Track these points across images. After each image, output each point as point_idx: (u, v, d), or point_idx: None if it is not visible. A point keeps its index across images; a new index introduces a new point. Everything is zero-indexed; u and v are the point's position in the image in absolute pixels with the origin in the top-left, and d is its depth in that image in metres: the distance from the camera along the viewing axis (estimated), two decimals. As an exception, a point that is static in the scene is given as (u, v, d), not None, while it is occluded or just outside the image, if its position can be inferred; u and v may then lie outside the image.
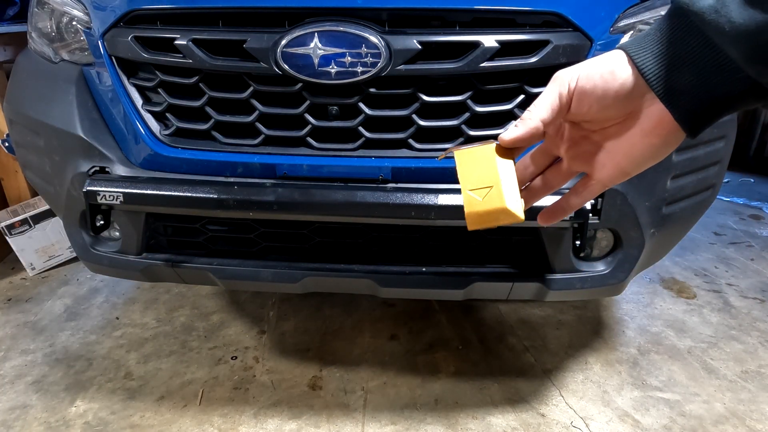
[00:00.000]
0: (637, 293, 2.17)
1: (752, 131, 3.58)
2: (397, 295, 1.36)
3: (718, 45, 0.46)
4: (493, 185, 0.56)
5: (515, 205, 0.56)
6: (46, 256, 2.39)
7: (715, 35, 0.46)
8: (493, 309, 2.07)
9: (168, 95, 1.22)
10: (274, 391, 1.64)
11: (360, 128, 1.17)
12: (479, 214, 0.57)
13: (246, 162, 1.21)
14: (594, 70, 0.52)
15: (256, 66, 1.12)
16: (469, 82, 1.13)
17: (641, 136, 0.53)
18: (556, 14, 1.09)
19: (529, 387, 1.66)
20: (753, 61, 0.45)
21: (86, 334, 1.93)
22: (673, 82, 0.49)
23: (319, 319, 2.00)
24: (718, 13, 0.45)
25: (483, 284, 1.27)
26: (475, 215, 0.57)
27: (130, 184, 1.17)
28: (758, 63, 0.44)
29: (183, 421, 1.53)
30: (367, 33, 1.07)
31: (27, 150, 1.44)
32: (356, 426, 1.52)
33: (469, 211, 0.57)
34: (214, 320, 2.00)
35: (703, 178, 1.30)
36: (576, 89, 0.53)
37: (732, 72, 0.46)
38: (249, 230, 1.31)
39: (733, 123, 1.32)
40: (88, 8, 1.25)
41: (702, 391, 1.65)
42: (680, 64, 0.48)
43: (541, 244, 1.21)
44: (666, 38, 0.49)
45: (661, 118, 0.51)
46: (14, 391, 1.66)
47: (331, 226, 1.29)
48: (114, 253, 1.36)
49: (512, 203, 0.56)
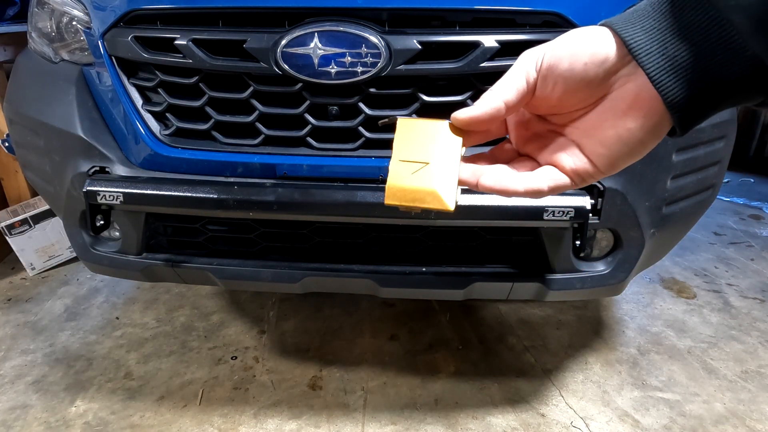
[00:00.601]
0: (637, 293, 2.17)
1: (752, 131, 3.58)
2: (397, 295, 1.36)
3: (723, 13, 0.40)
4: (430, 162, 0.49)
5: (447, 191, 0.49)
6: (46, 256, 2.39)
7: (720, 1, 0.40)
8: (493, 309, 2.07)
9: (168, 95, 1.22)
10: (274, 391, 1.64)
11: (360, 128, 1.17)
12: (402, 189, 0.49)
13: (246, 162, 1.20)
14: (565, 45, 0.46)
15: (256, 66, 1.12)
16: (469, 82, 1.13)
17: (614, 120, 0.46)
18: (556, 14, 1.09)
19: (529, 387, 1.66)
20: (763, 31, 0.39)
21: (86, 334, 1.93)
22: (666, 59, 0.42)
23: (319, 319, 2.00)
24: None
25: (483, 284, 1.27)
26: (397, 189, 0.49)
27: (130, 184, 1.17)
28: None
29: (183, 421, 1.53)
30: (367, 33, 1.07)
31: (27, 150, 1.44)
32: (356, 426, 1.52)
33: (392, 183, 0.49)
34: (214, 320, 2.00)
35: (703, 178, 1.30)
36: (542, 67, 0.47)
37: (736, 50, 0.40)
38: (249, 230, 1.31)
39: (733, 123, 1.32)
40: (88, 8, 1.25)
41: (702, 391, 1.65)
42: (676, 38, 0.42)
43: (541, 244, 1.21)
44: (660, 11, 0.43)
45: (637, 95, 0.44)
46: (14, 391, 1.66)
47: (331, 226, 1.29)
48: (114, 253, 1.36)
49: (444, 188, 0.48)
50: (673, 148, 1.20)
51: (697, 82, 0.42)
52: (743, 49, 0.39)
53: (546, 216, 1.08)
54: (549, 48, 0.47)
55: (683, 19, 0.41)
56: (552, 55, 0.47)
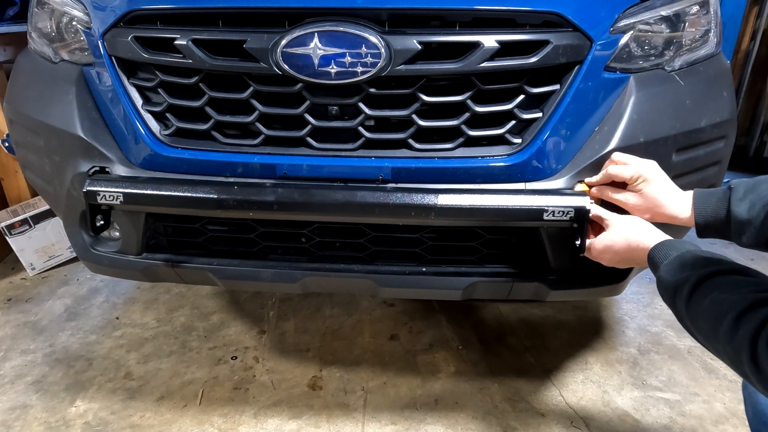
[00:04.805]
0: (637, 293, 2.17)
1: (752, 131, 3.57)
2: (396, 295, 1.36)
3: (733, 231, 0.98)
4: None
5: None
6: (46, 256, 2.39)
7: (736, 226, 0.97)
8: (493, 309, 2.07)
9: (168, 95, 1.22)
10: (274, 391, 1.65)
11: (360, 128, 1.17)
12: None
13: (246, 162, 1.20)
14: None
15: (256, 66, 1.12)
16: (469, 82, 1.13)
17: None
18: (556, 14, 1.09)
19: (529, 387, 1.66)
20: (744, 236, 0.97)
21: (86, 334, 1.93)
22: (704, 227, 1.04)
23: (319, 319, 2.00)
24: (744, 220, 0.95)
25: (483, 284, 1.27)
26: None
27: (130, 184, 1.17)
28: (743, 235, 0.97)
29: (183, 421, 1.53)
30: (367, 33, 1.07)
31: (27, 150, 1.44)
32: (356, 426, 1.52)
33: None
34: (214, 320, 2.00)
35: (703, 178, 1.30)
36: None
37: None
38: (249, 230, 1.31)
39: (733, 123, 1.32)
40: (88, 8, 1.25)
41: (702, 391, 1.65)
42: (715, 226, 1.02)
43: (541, 244, 1.21)
44: (715, 209, 1.01)
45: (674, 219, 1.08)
46: (14, 391, 1.66)
47: (331, 226, 1.29)
48: (114, 253, 1.36)
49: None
50: (673, 148, 1.20)
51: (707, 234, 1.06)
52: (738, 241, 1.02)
53: (546, 216, 1.08)
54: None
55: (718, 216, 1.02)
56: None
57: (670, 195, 1.06)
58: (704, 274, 0.81)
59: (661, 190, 1.06)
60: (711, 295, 0.78)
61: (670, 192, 1.06)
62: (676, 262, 0.87)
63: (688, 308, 0.81)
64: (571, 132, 1.16)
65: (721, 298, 0.76)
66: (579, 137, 1.17)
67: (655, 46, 1.22)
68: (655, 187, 1.06)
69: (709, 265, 0.82)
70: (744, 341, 0.70)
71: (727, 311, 0.73)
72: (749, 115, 3.60)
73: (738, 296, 0.74)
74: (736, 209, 0.95)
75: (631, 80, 1.19)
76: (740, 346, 0.71)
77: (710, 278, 0.80)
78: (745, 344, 0.70)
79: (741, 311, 0.72)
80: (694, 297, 0.80)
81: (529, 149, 1.16)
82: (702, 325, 0.79)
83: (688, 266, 0.85)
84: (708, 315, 0.77)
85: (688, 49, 1.25)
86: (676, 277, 0.85)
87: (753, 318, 0.70)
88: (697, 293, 0.80)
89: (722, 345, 0.75)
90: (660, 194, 1.06)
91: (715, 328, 0.75)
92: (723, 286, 0.78)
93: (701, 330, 0.80)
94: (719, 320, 0.74)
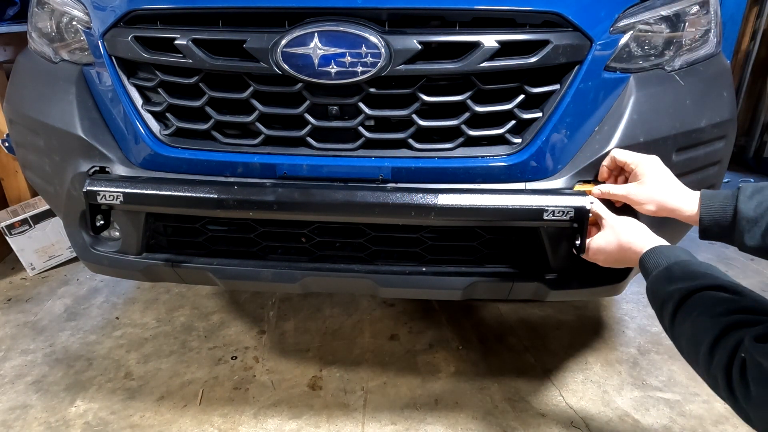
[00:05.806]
0: (637, 293, 2.17)
1: (752, 131, 3.58)
2: (396, 295, 1.36)
3: (737, 231, 0.97)
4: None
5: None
6: (46, 256, 2.39)
7: (740, 232, 0.96)
8: (493, 309, 2.07)
9: (168, 95, 1.22)
10: (274, 391, 1.65)
11: (360, 128, 1.17)
12: None
13: (246, 162, 1.20)
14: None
15: (256, 66, 1.12)
16: (469, 82, 1.13)
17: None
18: (556, 14, 1.09)
19: (529, 387, 1.66)
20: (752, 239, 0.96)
21: (86, 334, 1.93)
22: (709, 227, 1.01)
23: (319, 319, 2.00)
24: (750, 222, 0.94)
25: (483, 284, 1.27)
26: None
27: (130, 184, 1.17)
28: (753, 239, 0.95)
29: (183, 421, 1.53)
30: (367, 33, 1.07)
31: (27, 150, 1.44)
32: (356, 426, 1.52)
33: None
34: (214, 320, 2.00)
35: (703, 177, 1.30)
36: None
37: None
38: (249, 230, 1.31)
39: (733, 123, 1.32)
40: (88, 8, 1.25)
41: (702, 391, 1.65)
42: (720, 223, 0.99)
43: (541, 244, 1.21)
44: (722, 205, 0.99)
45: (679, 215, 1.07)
46: (14, 391, 1.66)
47: (331, 226, 1.29)
48: (114, 253, 1.36)
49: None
50: (673, 148, 1.20)
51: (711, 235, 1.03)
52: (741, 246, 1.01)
53: (546, 216, 1.08)
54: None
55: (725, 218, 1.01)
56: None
57: (673, 187, 1.06)
58: (687, 290, 0.82)
59: (664, 180, 1.07)
60: (691, 316, 0.79)
61: (673, 184, 1.07)
62: (664, 275, 0.89)
63: (672, 327, 0.83)
64: (571, 132, 1.16)
65: (698, 322, 0.77)
66: (579, 137, 1.17)
67: (655, 46, 1.22)
68: (658, 177, 1.07)
69: (695, 279, 0.83)
70: (718, 370, 0.71)
71: (702, 338, 0.75)
72: (749, 115, 3.60)
73: (712, 321, 0.75)
74: (743, 206, 0.95)
75: (631, 80, 1.19)
76: (716, 374, 0.72)
77: (693, 294, 0.81)
78: (720, 373, 0.71)
79: (715, 337, 0.73)
80: (678, 317, 0.82)
81: (529, 149, 1.16)
82: (684, 346, 0.81)
83: (676, 279, 0.86)
84: (689, 338, 0.79)
85: (688, 49, 1.26)
86: (663, 291, 0.86)
87: (726, 344, 0.71)
88: (680, 313, 0.81)
89: (702, 371, 0.77)
90: (663, 184, 1.07)
91: (696, 354, 0.77)
92: (702, 306, 0.79)
93: (684, 351, 0.82)
94: (697, 347, 0.76)
